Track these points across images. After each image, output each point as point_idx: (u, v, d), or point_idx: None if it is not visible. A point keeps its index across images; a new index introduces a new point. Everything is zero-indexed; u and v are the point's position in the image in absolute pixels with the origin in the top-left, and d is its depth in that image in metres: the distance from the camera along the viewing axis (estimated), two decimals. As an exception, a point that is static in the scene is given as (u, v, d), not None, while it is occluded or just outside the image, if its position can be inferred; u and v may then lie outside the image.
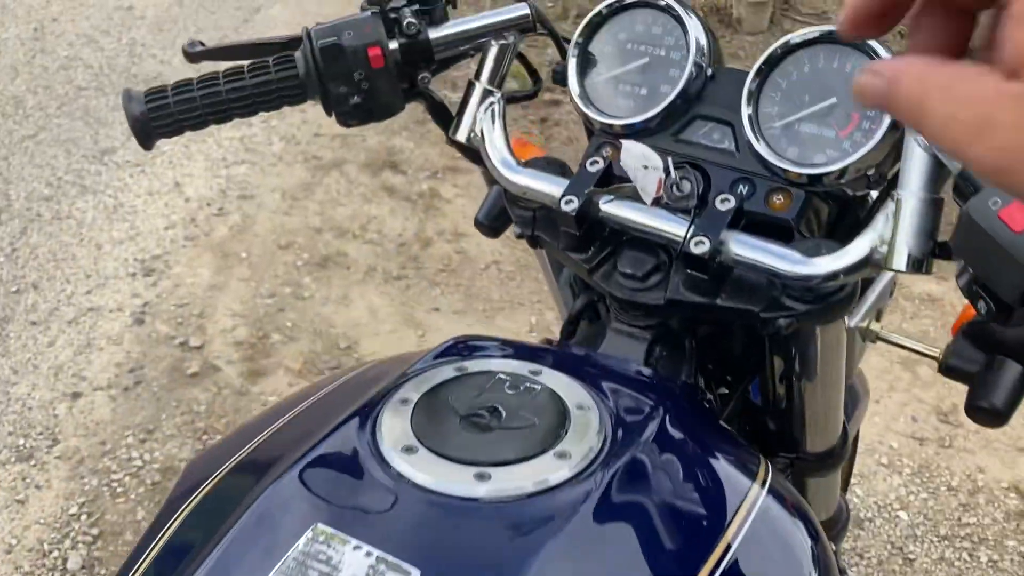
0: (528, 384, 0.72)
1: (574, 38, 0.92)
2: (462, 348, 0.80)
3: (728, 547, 0.66)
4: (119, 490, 2.22)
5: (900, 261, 0.70)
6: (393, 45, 0.88)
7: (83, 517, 2.14)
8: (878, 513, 2.36)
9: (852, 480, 2.46)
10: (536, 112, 3.79)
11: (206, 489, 0.71)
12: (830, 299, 0.78)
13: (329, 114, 0.91)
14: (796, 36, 0.83)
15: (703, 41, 0.88)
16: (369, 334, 2.74)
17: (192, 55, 0.96)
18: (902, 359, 2.79)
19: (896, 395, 2.65)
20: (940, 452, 2.51)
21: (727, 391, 1.03)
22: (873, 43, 0.80)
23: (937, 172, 0.69)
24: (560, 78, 0.95)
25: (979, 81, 0.34)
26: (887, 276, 1.09)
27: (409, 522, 0.61)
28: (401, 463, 0.64)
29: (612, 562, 0.61)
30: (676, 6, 0.89)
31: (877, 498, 2.39)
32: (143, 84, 3.52)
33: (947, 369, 0.92)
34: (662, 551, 0.64)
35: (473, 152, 0.96)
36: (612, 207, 0.85)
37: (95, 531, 2.11)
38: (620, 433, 0.68)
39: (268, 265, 2.95)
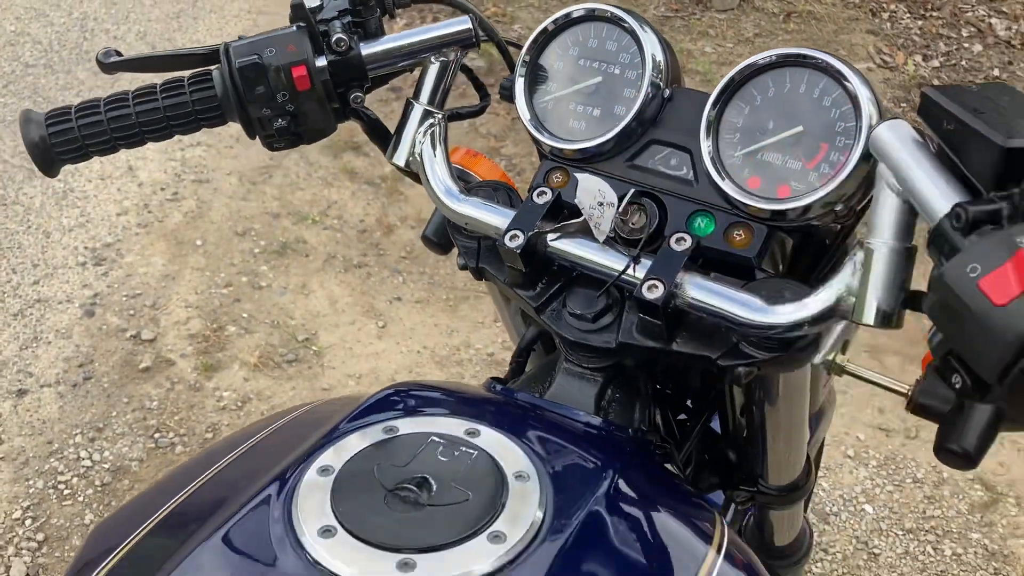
0: (464, 448, 0.66)
1: (522, 54, 0.85)
2: (395, 399, 0.74)
3: None
4: (66, 492, 2.14)
5: (869, 315, 0.65)
6: (321, 63, 0.80)
7: (27, 522, 2.07)
8: (843, 507, 2.34)
9: (819, 473, 2.44)
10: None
11: (108, 566, 0.65)
12: (792, 347, 0.72)
13: (252, 137, 0.83)
14: (760, 58, 0.76)
15: (660, 59, 0.82)
16: (328, 325, 2.66)
17: (107, 66, 0.88)
18: (870, 348, 2.77)
19: (863, 386, 2.62)
20: (907, 443, 2.49)
21: (686, 418, 0.97)
22: (840, 65, 0.73)
23: (911, 220, 0.64)
24: (508, 94, 0.89)
25: None
26: None
27: None
28: (318, 548, 0.58)
29: None
30: (630, 19, 0.83)
31: (843, 491, 2.37)
32: (94, 61, 3.37)
33: (916, 408, 0.87)
34: None
35: (415, 174, 0.90)
36: (561, 243, 0.78)
37: (40, 536, 2.04)
38: (562, 505, 0.63)
39: (224, 253, 2.86)
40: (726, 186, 0.75)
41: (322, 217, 3.05)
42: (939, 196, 0.59)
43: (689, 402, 0.98)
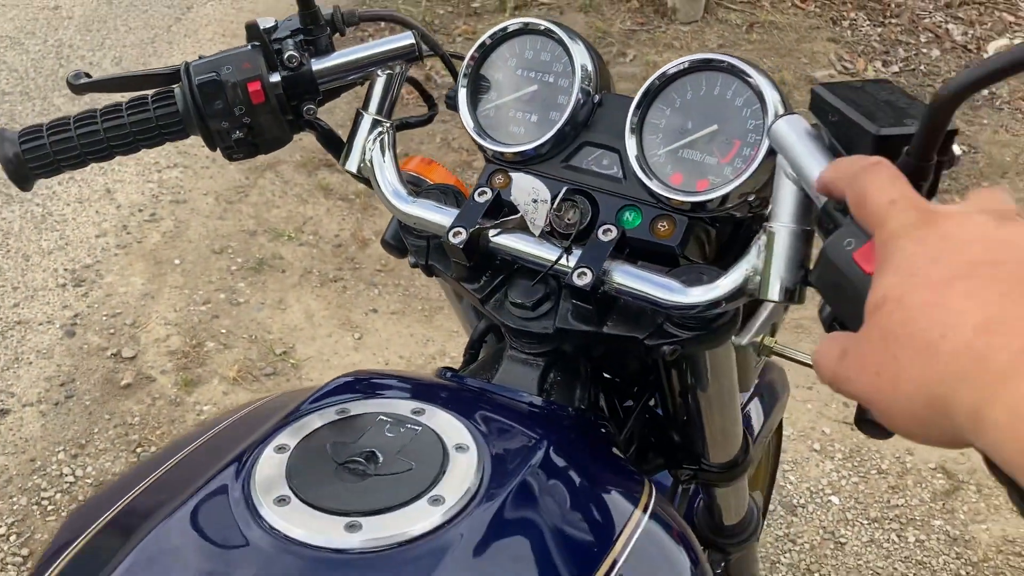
0: (409, 426, 0.72)
1: (463, 66, 0.92)
2: (350, 386, 0.80)
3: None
4: (50, 508, 2.19)
5: (773, 291, 0.71)
6: (275, 78, 0.87)
7: (12, 538, 2.11)
8: (810, 499, 2.41)
9: (785, 467, 2.51)
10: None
11: (81, 543, 0.70)
12: (711, 326, 0.79)
13: (213, 149, 0.89)
14: (673, 66, 0.83)
15: (589, 67, 0.89)
16: (306, 339, 2.72)
17: (76, 87, 0.94)
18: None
19: (828, 381, 2.70)
20: (871, 436, 2.56)
21: (632, 404, 1.04)
22: (745, 67, 0.80)
23: (807, 204, 0.71)
24: (452, 103, 0.95)
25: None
26: None
27: None
28: (272, 515, 0.64)
29: None
30: (560, 32, 0.90)
31: (810, 484, 2.44)
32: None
33: None
34: None
35: (366, 179, 0.96)
36: (501, 238, 0.85)
37: (25, 551, 2.08)
38: (499, 472, 0.69)
39: (202, 271, 2.91)
40: (651, 183, 0.82)
41: (298, 233, 3.11)
42: None
43: (635, 389, 1.04)
